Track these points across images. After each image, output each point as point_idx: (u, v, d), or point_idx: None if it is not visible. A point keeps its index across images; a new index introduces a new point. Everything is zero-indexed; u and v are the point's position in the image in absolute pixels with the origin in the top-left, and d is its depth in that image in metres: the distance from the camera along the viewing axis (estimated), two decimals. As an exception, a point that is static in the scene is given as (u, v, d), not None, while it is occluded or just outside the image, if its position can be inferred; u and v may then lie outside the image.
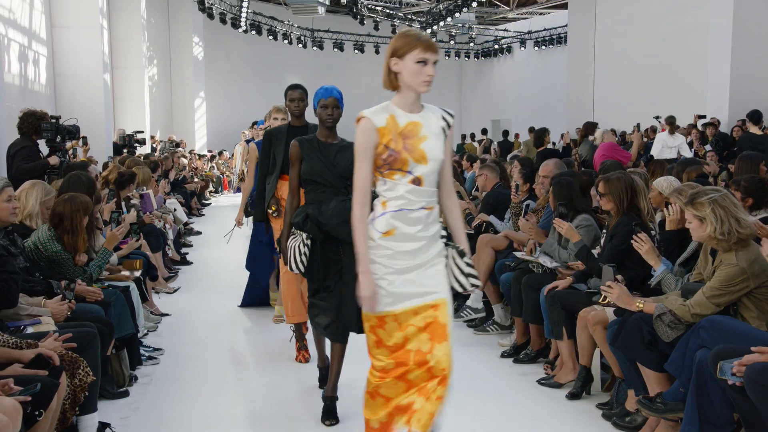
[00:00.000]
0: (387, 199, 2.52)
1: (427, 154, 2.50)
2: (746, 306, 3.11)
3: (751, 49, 11.74)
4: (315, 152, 3.63)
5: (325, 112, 3.65)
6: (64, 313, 3.49)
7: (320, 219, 3.47)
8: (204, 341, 5.09)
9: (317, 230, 3.51)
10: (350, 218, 2.92)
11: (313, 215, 3.49)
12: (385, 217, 2.51)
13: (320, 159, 3.61)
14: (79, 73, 11.40)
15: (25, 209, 4.21)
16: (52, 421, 2.73)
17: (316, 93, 3.70)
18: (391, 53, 2.59)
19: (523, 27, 25.26)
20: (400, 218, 2.51)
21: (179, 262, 8.00)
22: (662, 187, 4.36)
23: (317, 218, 3.48)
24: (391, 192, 2.52)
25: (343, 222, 3.30)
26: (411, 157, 2.48)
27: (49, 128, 6.36)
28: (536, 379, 4.21)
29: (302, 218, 3.54)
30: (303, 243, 3.55)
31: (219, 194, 17.74)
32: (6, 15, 9.29)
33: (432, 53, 2.51)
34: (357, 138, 2.51)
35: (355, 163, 2.52)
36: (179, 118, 19.81)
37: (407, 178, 2.49)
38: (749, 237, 3.12)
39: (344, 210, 3.31)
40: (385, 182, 2.52)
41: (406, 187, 2.50)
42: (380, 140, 2.48)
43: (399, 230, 2.50)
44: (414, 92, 2.54)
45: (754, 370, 2.56)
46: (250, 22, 20.82)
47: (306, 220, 3.53)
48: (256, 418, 3.75)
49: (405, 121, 2.53)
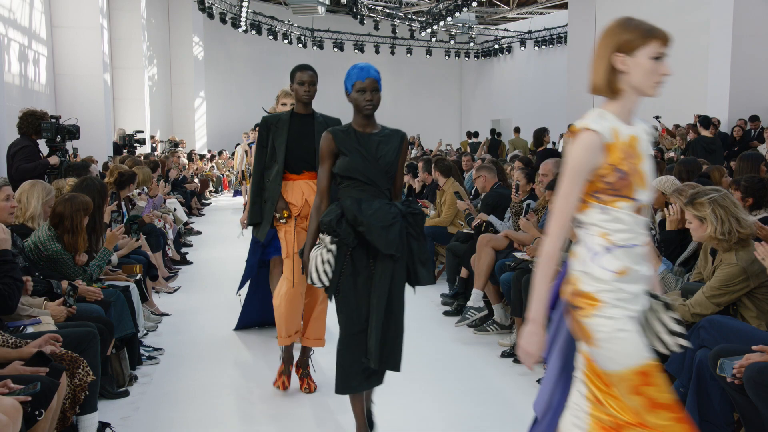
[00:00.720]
0: (608, 231, 2.02)
1: (646, 177, 2.04)
2: (746, 306, 3.12)
3: (751, 49, 11.73)
4: (353, 144, 3.04)
5: (363, 98, 3.05)
6: (63, 316, 3.49)
7: (358, 216, 2.90)
8: (204, 341, 5.09)
9: (351, 232, 2.93)
10: (394, 227, 2.83)
11: (350, 210, 2.92)
12: (614, 254, 2.01)
13: (360, 152, 3.02)
14: (79, 73, 11.41)
15: (27, 211, 4.22)
16: (52, 420, 2.73)
17: (348, 74, 3.08)
18: (616, 48, 2.03)
19: (523, 27, 25.25)
20: (629, 255, 2.03)
21: (179, 262, 8.01)
22: (663, 187, 4.36)
23: (355, 215, 2.91)
24: (614, 223, 2.02)
25: (384, 228, 2.89)
26: (636, 181, 2.01)
27: (49, 128, 6.37)
28: (536, 379, 4.21)
29: (336, 216, 2.94)
30: (326, 249, 2.97)
31: (219, 194, 17.76)
32: (6, 15, 9.29)
33: (668, 46, 2.05)
34: (574, 155, 1.98)
35: (562, 186, 2.01)
36: (179, 118, 19.82)
37: (632, 206, 2.02)
38: (749, 237, 3.12)
39: (388, 215, 2.92)
40: (605, 210, 2.02)
41: (632, 218, 2.03)
42: (606, 159, 1.99)
43: (631, 269, 2.02)
44: (638, 97, 2.06)
45: (753, 369, 2.56)
46: (250, 22, 20.81)
47: (341, 219, 2.94)
48: (257, 417, 3.75)
49: (627, 135, 2.03)
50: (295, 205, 3.96)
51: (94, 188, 4.51)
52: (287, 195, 3.94)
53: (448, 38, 26.20)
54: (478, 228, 5.69)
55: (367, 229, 2.90)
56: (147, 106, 15.29)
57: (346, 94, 3.08)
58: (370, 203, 2.95)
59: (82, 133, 7.19)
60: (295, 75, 3.89)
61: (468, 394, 3.97)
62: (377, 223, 2.90)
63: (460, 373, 4.42)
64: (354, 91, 3.06)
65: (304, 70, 3.90)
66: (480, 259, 5.18)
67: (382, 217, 2.91)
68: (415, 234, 3.02)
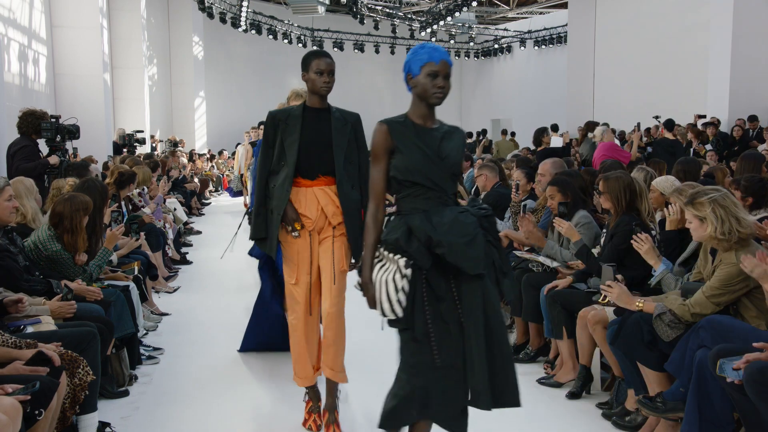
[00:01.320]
0: None
1: None
2: (746, 305, 3.11)
3: (751, 49, 11.74)
4: (413, 140, 2.51)
5: (434, 83, 2.48)
6: (66, 313, 3.49)
7: (433, 237, 2.38)
8: (204, 341, 5.09)
9: (425, 253, 2.41)
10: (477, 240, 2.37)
11: (421, 230, 2.40)
12: None
13: (422, 150, 2.50)
14: (79, 72, 11.41)
15: (27, 213, 4.23)
16: (52, 420, 2.73)
17: (415, 53, 2.53)
18: None
19: (523, 26, 25.24)
20: None
21: (179, 262, 8.01)
22: (662, 187, 4.36)
23: (429, 236, 2.39)
24: None
25: (467, 245, 2.39)
26: None
27: (49, 128, 6.37)
28: (536, 379, 4.21)
29: (404, 234, 2.43)
30: (400, 274, 2.39)
31: (219, 193, 17.76)
32: (6, 14, 9.29)
33: None
34: None
35: None
36: (179, 117, 19.82)
37: None
38: (749, 236, 3.12)
39: (467, 227, 2.43)
40: None
41: None
42: None
43: None
44: None
45: (753, 368, 2.56)
46: (249, 22, 20.81)
47: (410, 237, 2.43)
48: (257, 417, 3.75)
49: None
50: (308, 218, 3.33)
51: (95, 189, 4.50)
52: (299, 205, 3.32)
53: (448, 38, 26.20)
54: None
55: (448, 250, 2.38)
56: (147, 105, 15.29)
57: (409, 77, 2.55)
58: (440, 215, 2.44)
59: (82, 132, 7.19)
60: (311, 63, 3.28)
61: (468, 394, 3.97)
62: (457, 239, 2.39)
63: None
64: (423, 76, 2.49)
65: (322, 57, 3.31)
66: (480, 258, 5.16)
67: (461, 230, 2.41)
68: (494, 240, 2.55)
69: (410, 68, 2.54)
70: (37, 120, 6.28)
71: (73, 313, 3.54)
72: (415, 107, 2.58)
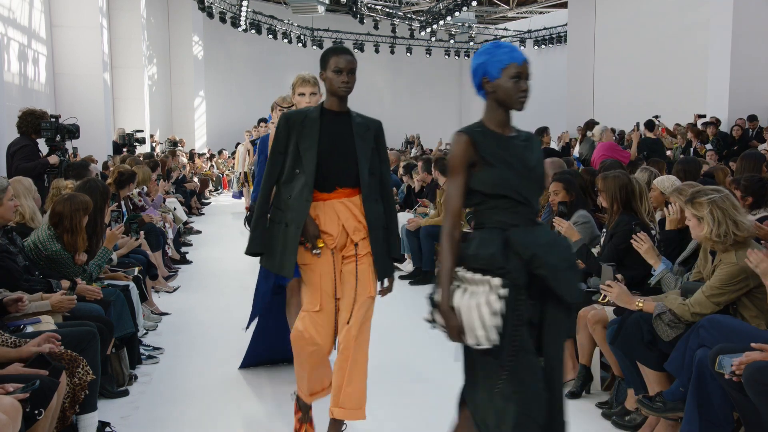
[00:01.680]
0: None
1: None
2: (746, 305, 3.11)
3: (751, 49, 11.74)
4: (498, 150, 2.26)
5: (518, 87, 2.26)
6: (66, 307, 3.49)
7: (539, 254, 2.16)
8: (204, 340, 5.09)
9: (523, 271, 2.17)
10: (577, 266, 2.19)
11: (523, 246, 2.17)
12: None
13: (509, 162, 2.25)
14: (78, 72, 11.42)
15: (25, 213, 4.23)
16: (51, 420, 2.73)
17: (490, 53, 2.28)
18: None
19: (523, 26, 25.24)
20: None
21: (179, 261, 8.01)
22: (663, 187, 4.36)
23: (533, 253, 2.16)
24: None
25: (569, 270, 2.21)
26: None
27: (49, 127, 6.37)
28: (536, 379, 4.21)
29: (500, 248, 2.17)
30: (497, 295, 2.12)
31: (218, 192, 17.76)
32: (6, 14, 9.29)
33: None
34: None
35: None
36: (179, 117, 19.83)
37: None
38: (747, 239, 3.12)
39: (566, 250, 2.28)
40: None
41: None
42: None
43: None
44: None
45: (753, 368, 2.56)
46: (249, 21, 20.81)
47: (506, 252, 2.16)
48: (256, 417, 3.75)
49: None
50: (330, 235, 2.97)
51: (96, 189, 4.50)
52: (317, 220, 2.97)
53: (448, 37, 26.19)
54: (478, 227, 5.68)
55: (551, 275, 2.16)
56: (147, 105, 15.29)
57: (485, 81, 2.29)
58: (534, 233, 2.22)
59: (82, 132, 7.19)
60: (329, 60, 2.95)
61: (468, 394, 3.97)
62: (561, 263, 2.18)
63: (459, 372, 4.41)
64: (505, 78, 2.25)
65: (341, 53, 2.95)
66: (480, 258, 5.16)
67: (561, 253, 2.22)
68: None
69: (486, 71, 2.28)
70: (37, 120, 6.28)
71: (72, 307, 3.54)
72: (493, 113, 2.32)
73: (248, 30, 21.06)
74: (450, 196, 2.27)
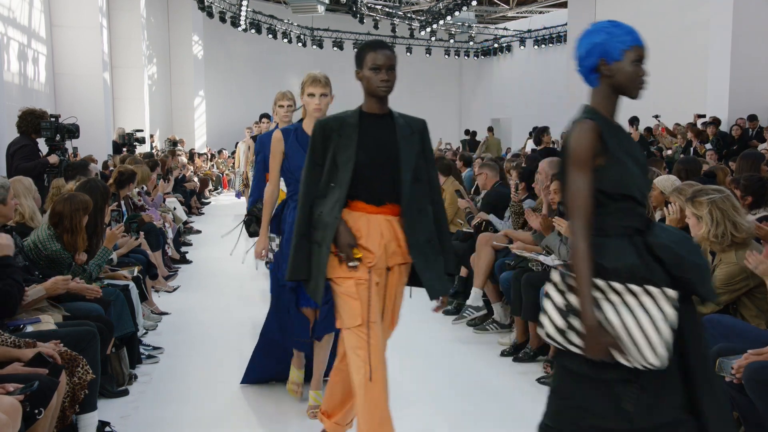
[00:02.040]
0: None
1: None
2: (746, 305, 3.12)
3: (751, 49, 11.74)
4: (621, 143, 2.03)
5: (640, 72, 2.02)
6: (60, 289, 3.48)
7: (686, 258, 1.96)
8: (204, 340, 5.09)
9: (666, 279, 1.96)
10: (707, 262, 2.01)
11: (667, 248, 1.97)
12: None
13: (635, 156, 2.05)
14: (78, 72, 11.42)
15: (25, 212, 4.23)
16: (51, 419, 2.73)
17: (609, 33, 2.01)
18: None
19: (523, 26, 25.24)
20: None
21: (179, 261, 8.01)
22: (663, 186, 4.36)
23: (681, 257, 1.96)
24: None
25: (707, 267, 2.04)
26: None
27: (49, 127, 6.37)
28: (536, 378, 4.21)
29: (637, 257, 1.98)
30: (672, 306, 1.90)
31: (218, 192, 17.76)
32: (6, 14, 9.29)
33: None
34: None
35: None
36: (179, 117, 19.83)
37: None
38: (746, 240, 3.12)
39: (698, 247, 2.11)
40: None
41: None
42: None
43: None
44: None
45: (752, 368, 2.56)
46: (249, 21, 20.80)
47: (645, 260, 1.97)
48: (256, 417, 3.75)
49: None
50: (371, 252, 2.66)
51: (96, 189, 4.50)
52: (359, 234, 2.66)
53: (448, 37, 26.18)
54: (478, 227, 5.69)
55: (697, 278, 1.96)
56: (147, 105, 15.29)
57: (602, 63, 2.03)
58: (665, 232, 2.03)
59: (82, 132, 7.19)
60: (366, 57, 2.63)
61: (467, 393, 3.97)
62: (703, 260, 2.01)
63: (459, 372, 4.42)
64: (628, 61, 2.00)
65: (378, 48, 2.62)
66: (480, 258, 5.17)
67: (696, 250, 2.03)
68: None
69: (606, 51, 2.00)
70: (37, 119, 6.28)
71: (66, 288, 3.54)
72: (606, 100, 2.06)
73: (248, 30, 21.05)
74: (578, 195, 1.97)
